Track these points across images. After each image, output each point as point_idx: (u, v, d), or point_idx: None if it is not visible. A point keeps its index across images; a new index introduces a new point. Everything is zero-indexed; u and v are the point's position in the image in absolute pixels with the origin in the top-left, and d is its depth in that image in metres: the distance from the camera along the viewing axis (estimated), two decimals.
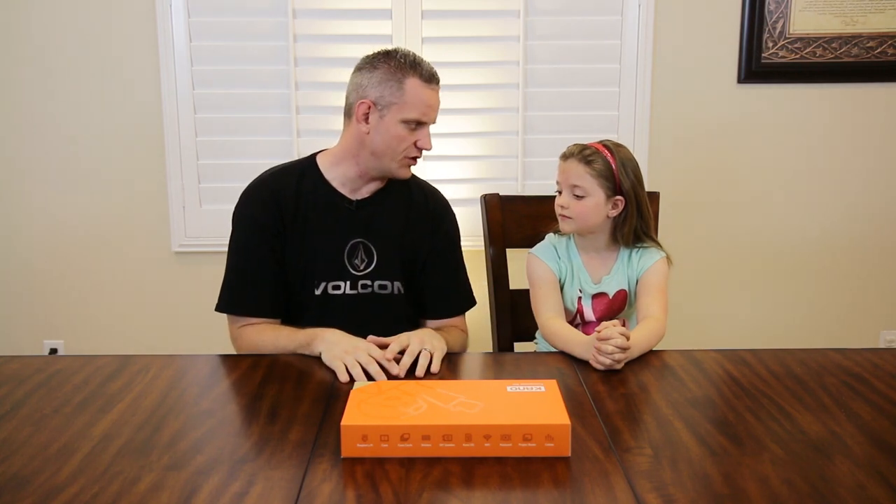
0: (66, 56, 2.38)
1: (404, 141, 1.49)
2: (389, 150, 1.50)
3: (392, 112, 1.47)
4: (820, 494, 0.91)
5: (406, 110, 1.47)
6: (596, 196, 1.53)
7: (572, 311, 1.62)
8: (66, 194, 2.46)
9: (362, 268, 1.56)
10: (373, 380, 1.26)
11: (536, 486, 0.93)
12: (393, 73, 1.47)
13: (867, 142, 2.50)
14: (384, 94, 1.47)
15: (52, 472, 0.96)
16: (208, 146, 2.44)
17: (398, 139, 1.49)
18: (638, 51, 2.41)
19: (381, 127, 1.49)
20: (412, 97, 1.46)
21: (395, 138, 1.49)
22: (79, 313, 2.53)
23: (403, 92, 1.46)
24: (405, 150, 1.50)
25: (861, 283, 2.58)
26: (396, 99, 1.47)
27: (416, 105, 1.47)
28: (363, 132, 1.50)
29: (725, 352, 1.42)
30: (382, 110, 1.48)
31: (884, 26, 2.39)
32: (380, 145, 1.50)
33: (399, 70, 1.46)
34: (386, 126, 1.48)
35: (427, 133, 1.52)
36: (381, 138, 1.49)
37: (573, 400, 1.20)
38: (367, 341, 1.35)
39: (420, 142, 1.50)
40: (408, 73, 1.46)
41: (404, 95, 1.46)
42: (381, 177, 1.57)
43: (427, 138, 1.51)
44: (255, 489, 0.92)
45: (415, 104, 1.47)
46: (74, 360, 1.36)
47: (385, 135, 1.49)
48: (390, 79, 1.46)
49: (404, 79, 1.46)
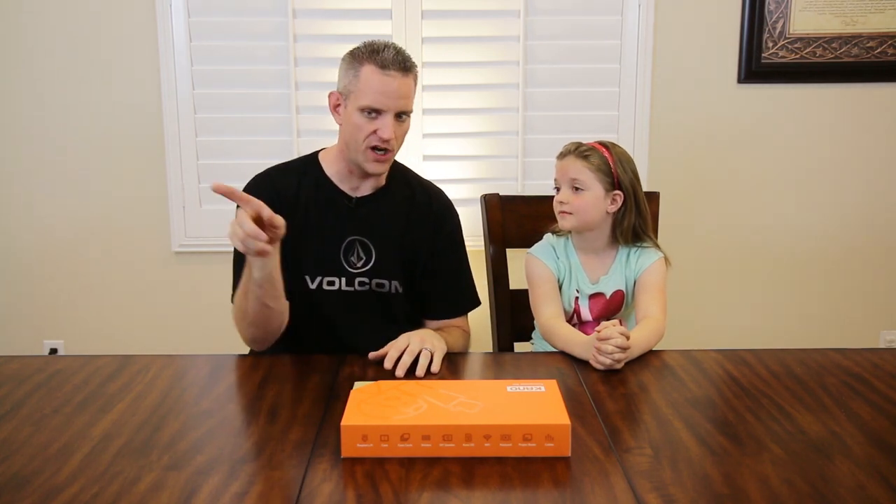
0: (66, 56, 2.38)
1: (362, 130, 1.47)
2: (353, 140, 1.49)
3: (351, 101, 1.48)
4: (820, 494, 0.92)
5: (360, 97, 1.46)
6: (595, 190, 1.53)
7: (569, 311, 1.62)
8: (66, 194, 2.46)
9: (360, 265, 1.56)
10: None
11: (536, 486, 0.93)
12: (352, 62, 1.48)
13: (867, 142, 2.50)
14: (346, 83, 1.48)
15: (52, 472, 0.96)
16: (208, 146, 2.44)
17: (357, 128, 1.48)
18: (638, 51, 2.41)
19: (346, 117, 1.50)
20: (365, 84, 1.45)
21: (355, 127, 1.48)
22: (79, 313, 2.53)
23: (358, 80, 1.46)
24: (366, 139, 1.47)
25: (861, 283, 2.58)
26: (353, 87, 1.47)
27: (369, 92, 1.45)
28: (339, 124, 1.53)
29: (725, 352, 1.42)
30: (346, 100, 1.49)
31: (884, 26, 2.39)
32: (346, 136, 1.51)
33: (357, 59, 1.47)
34: (348, 115, 1.49)
35: (387, 122, 1.46)
36: (346, 129, 1.50)
37: (573, 400, 1.20)
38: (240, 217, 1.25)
39: (379, 131, 1.47)
40: (364, 61, 1.46)
41: (359, 83, 1.46)
42: (361, 172, 1.54)
43: (386, 127, 1.46)
44: (255, 489, 0.92)
45: (366, 91, 1.45)
46: (74, 360, 1.37)
47: (348, 125, 1.49)
48: (350, 68, 1.48)
49: (360, 66, 1.46)
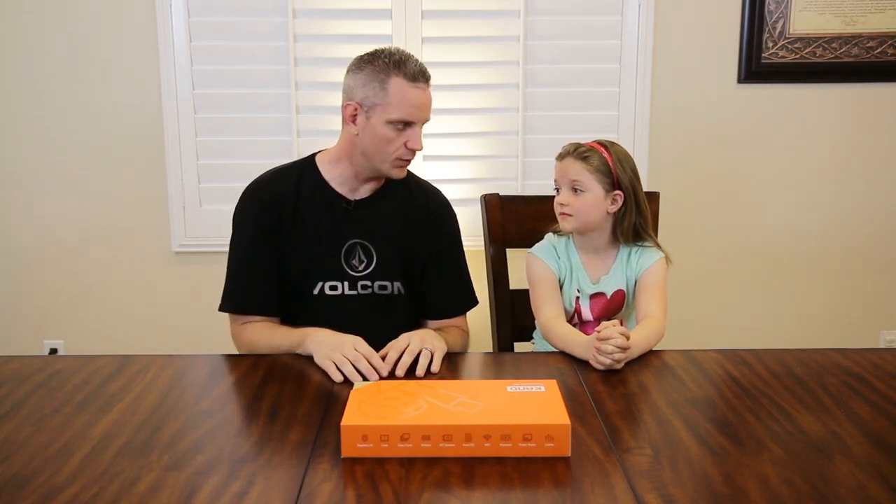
0: (66, 56, 2.38)
1: (393, 142, 1.47)
2: (379, 151, 1.48)
3: (377, 113, 1.46)
4: (820, 494, 0.91)
5: (390, 111, 1.45)
6: (595, 191, 1.53)
7: (570, 311, 1.62)
8: (66, 194, 2.46)
9: (361, 268, 1.56)
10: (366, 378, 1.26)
11: (536, 486, 0.93)
12: (376, 73, 1.45)
13: (867, 142, 2.50)
14: (368, 95, 1.46)
15: (52, 472, 0.96)
16: (208, 146, 2.44)
17: (386, 140, 1.47)
18: (638, 51, 2.41)
19: (368, 129, 1.47)
20: (396, 97, 1.44)
21: (382, 140, 1.47)
22: (79, 313, 2.53)
23: (387, 93, 1.44)
24: (395, 151, 1.48)
25: (861, 283, 2.58)
26: (380, 100, 1.45)
27: (400, 105, 1.45)
28: (353, 134, 1.50)
29: (725, 352, 1.42)
30: (368, 112, 1.47)
31: (884, 26, 2.39)
32: (369, 147, 1.49)
33: (382, 70, 1.45)
34: (373, 128, 1.47)
35: (417, 133, 1.48)
36: (369, 140, 1.48)
37: (573, 400, 1.20)
38: (355, 337, 1.35)
39: (410, 142, 1.48)
40: (391, 73, 1.44)
41: (388, 96, 1.44)
42: (376, 177, 1.56)
43: (417, 139, 1.48)
44: (255, 489, 0.92)
45: (399, 105, 1.45)
46: (74, 360, 1.36)
47: (372, 136, 1.47)
48: (373, 80, 1.45)
49: (387, 79, 1.44)
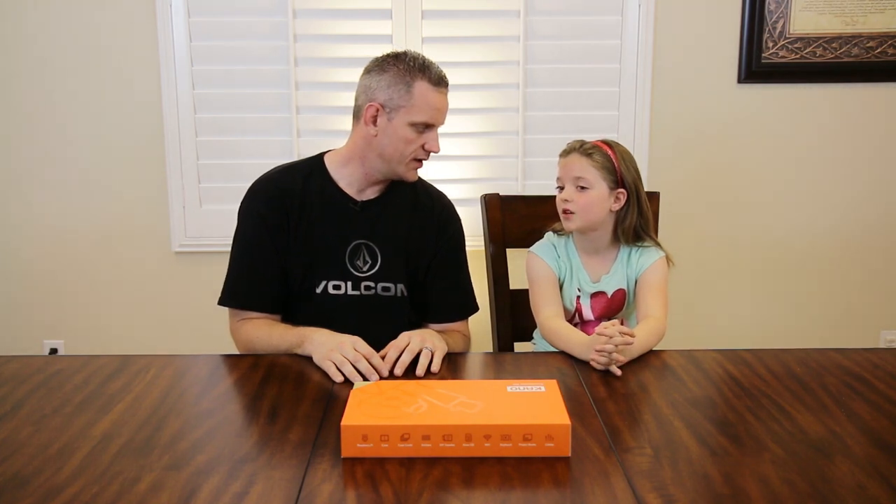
0: (66, 56, 2.38)
1: (412, 143, 1.50)
2: (397, 152, 1.50)
3: (400, 115, 1.48)
4: (820, 494, 0.92)
5: (414, 113, 1.48)
6: (599, 188, 1.53)
7: (571, 311, 1.62)
8: (66, 194, 2.46)
9: (365, 269, 1.56)
10: (366, 378, 1.26)
11: (536, 486, 0.93)
12: (402, 76, 1.47)
13: (867, 142, 2.50)
14: (393, 96, 1.48)
15: (52, 472, 0.96)
16: (208, 146, 2.44)
17: (406, 142, 1.49)
18: (638, 51, 2.41)
19: (389, 129, 1.49)
20: (421, 100, 1.47)
21: (403, 141, 1.49)
22: (79, 313, 2.53)
23: (412, 95, 1.47)
24: (413, 152, 1.51)
25: (861, 283, 2.58)
26: (405, 102, 1.47)
27: (425, 108, 1.48)
28: (371, 134, 1.51)
29: (725, 352, 1.42)
30: (391, 113, 1.48)
31: (884, 26, 2.39)
32: (387, 148, 1.50)
33: (408, 73, 1.47)
34: (394, 129, 1.49)
35: (435, 136, 1.53)
36: (388, 141, 1.50)
37: (573, 400, 1.20)
38: (354, 337, 1.35)
39: (428, 144, 1.51)
40: (416, 76, 1.47)
41: (413, 99, 1.47)
42: (385, 179, 1.57)
43: (435, 141, 1.52)
44: (255, 489, 0.92)
45: (423, 107, 1.48)
46: (74, 360, 1.36)
47: (393, 137, 1.49)
48: (399, 82, 1.47)
49: (413, 82, 1.47)
